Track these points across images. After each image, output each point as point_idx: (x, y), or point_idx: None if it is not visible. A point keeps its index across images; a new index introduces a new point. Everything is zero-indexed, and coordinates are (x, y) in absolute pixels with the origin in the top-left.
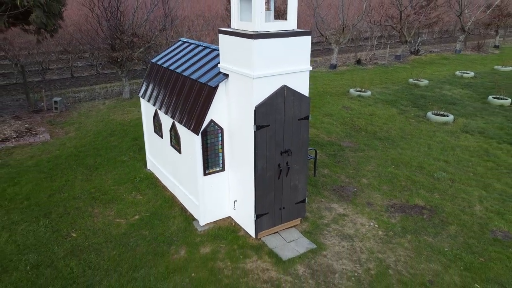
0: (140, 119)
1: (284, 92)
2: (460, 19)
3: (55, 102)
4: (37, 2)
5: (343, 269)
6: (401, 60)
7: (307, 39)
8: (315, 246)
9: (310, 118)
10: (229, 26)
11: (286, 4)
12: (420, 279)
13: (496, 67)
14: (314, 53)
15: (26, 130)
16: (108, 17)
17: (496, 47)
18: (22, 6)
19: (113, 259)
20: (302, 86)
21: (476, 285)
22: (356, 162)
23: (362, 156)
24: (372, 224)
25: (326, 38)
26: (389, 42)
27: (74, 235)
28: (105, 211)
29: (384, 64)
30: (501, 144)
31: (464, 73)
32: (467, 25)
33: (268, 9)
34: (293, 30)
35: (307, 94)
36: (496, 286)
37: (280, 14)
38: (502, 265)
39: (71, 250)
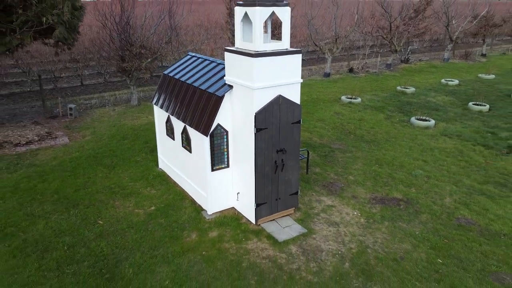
0: (148, 124)
1: (279, 101)
2: (447, 29)
3: (70, 108)
4: (60, 20)
5: (329, 248)
6: (392, 68)
7: (298, 57)
8: (306, 231)
9: (301, 122)
10: (229, 37)
11: (280, 25)
12: (393, 256)
13: (480, 75)
14: (309, 61)
15: (46, 134)
16: (119, 31)
17: (483, 55)
18: (47, 23)
19: (135, 241)
20: (294, 95)
21: (439, 259)
22: (344, 162)
23: (350, 156)
24: (355, 213)
25: (320, 48)
26: (381, 50)
27: (100, 222)
28: (125, 203)
29: (375, 72)
30: (475, 146)
31: (449, 81)
32: (454, 35)
33: (265, 32)
34: (287, 49)
35: (298, 102)
36: (455, 261)
37: (276, 27)
38: (462, 244)
39: (100, 234)
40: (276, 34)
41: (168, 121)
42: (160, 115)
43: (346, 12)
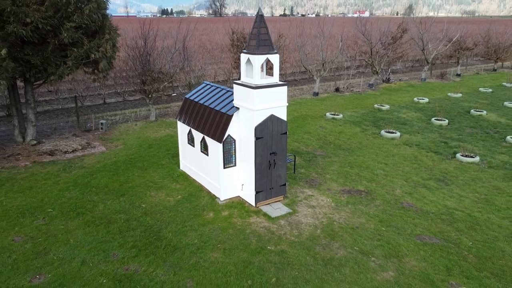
0: (167, 136)
1: (272, 118)
2: (423, 52)
3: (101, 123)
4: (104, 55)
5: (307, 221)
6: (373, 88)
7: (285, 88)
8: (291, 211)
9: (291, 134)
10: (231, 63)
11: (272, 66)
12: (351, 226)
13: (449, 94)
14: (301, 82)
15: (86, 144)
16: (142, 60)
17: (458, 75)
18: (93, 58)
19: (170, 217)
20: (282, 114)
21: (383, 228)
22: (324, 164)
23: (328, 160)
24: (328, 200)
25: (309, 71)
26: (366, 70)
27: (143, 205)
28: (158, 194)
29: (358, 91)
30: (428, 153)
31: (421, 99)
32: (430, 58)
33: (262, 70)
34: (276, 83)
35: (285, 119)
36: (393, 229)
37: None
38: (401, 219)
39: (144, 213)
40: (268, 69)
41: (190, 133)
42: (182, 129)
43: (332, 40)
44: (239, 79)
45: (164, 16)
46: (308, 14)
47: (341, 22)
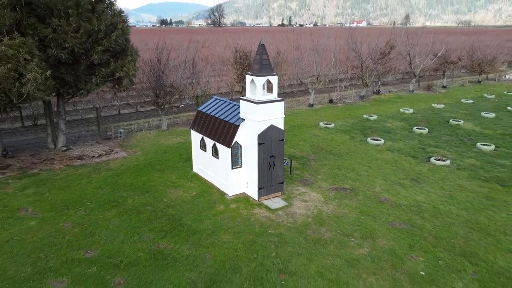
0: (179, 143)
1: (271, 128)
2: (411, 66)
3: (120, 132)
4: (126, 73)
5: (300, 212)
6: (364, 99)
7: (282, 103)
8: (288, 204)
9: (288, 141)
10: (234, 78)
11: (271, 84)
12: (337, 215)
13: (433, 105)
14: (297, 93)
15: (109, 150)
16: (156, 77)
17: (444, 87)
18: (118, 76)
19: (188, 209)
20: (280, 124)
21: (362, 217)
22: (316, 167)
23: (320, 164)
24: (319, 196)
25: (305, 85)
26: (358, 83)
27: (165, 200)
28: (176, 191)
29: (350, 102)
30: (407, 157)
31: (406, 110)
32: (417, 71)
33: (263, 88)
34: (275, 99)
35: (282, 128)
36: (371, 217)
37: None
38: (377, 210)
39: (167, 205)
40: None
41: (202, 140)
42: (196, 136)
43: (327, 53)
44: (241, 91)
45: (163, 26)
46: (306, 24)
47: (337, 33)
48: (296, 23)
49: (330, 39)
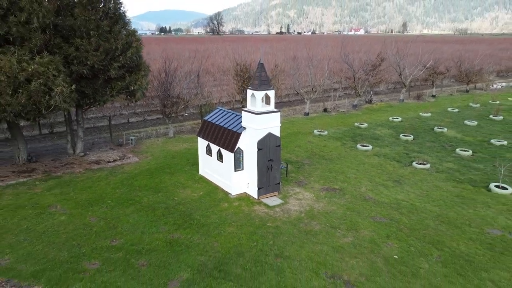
0: (185, 149)
1: (269, 135)
2: (401, 77)
3: (131, 139)
4: (139, 87)
5: (294, 208)
6: (357, 108)
7: (278, 114)
8: (284, 202)
9: (284, 147)
10: (235, 89)
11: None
12: (326, 211)
13: (420, 113)
14: (294, 102)
15: (122, 155)
16: (164, 89)
17: (433, 96)
18: (132, 89)
19: (197, 206)
20: (276, 132)
21: (348, 212)
22: (310, 170)
23: (313, 167)
24: (311, 195)
25: (301, 95)
26: (352, 92)
27: (176, 198)
28: (185, 191)
29: (343, 111)
30: (392, 162)
31: (395, 118)
32: (407, 81)
33: (262, 101)
34: (273, 110)
35: (279, 135)
36: (356, 212)
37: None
38: (362, 207)
39: (178, 203)
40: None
41: (208, 146)
42: (202, 143)
43: (323, 63)
44: (241, 101)
45: (162, 34)
46: (304, 32)
47: (335, 42)
48: (294, 31)
49: (327, 47)
